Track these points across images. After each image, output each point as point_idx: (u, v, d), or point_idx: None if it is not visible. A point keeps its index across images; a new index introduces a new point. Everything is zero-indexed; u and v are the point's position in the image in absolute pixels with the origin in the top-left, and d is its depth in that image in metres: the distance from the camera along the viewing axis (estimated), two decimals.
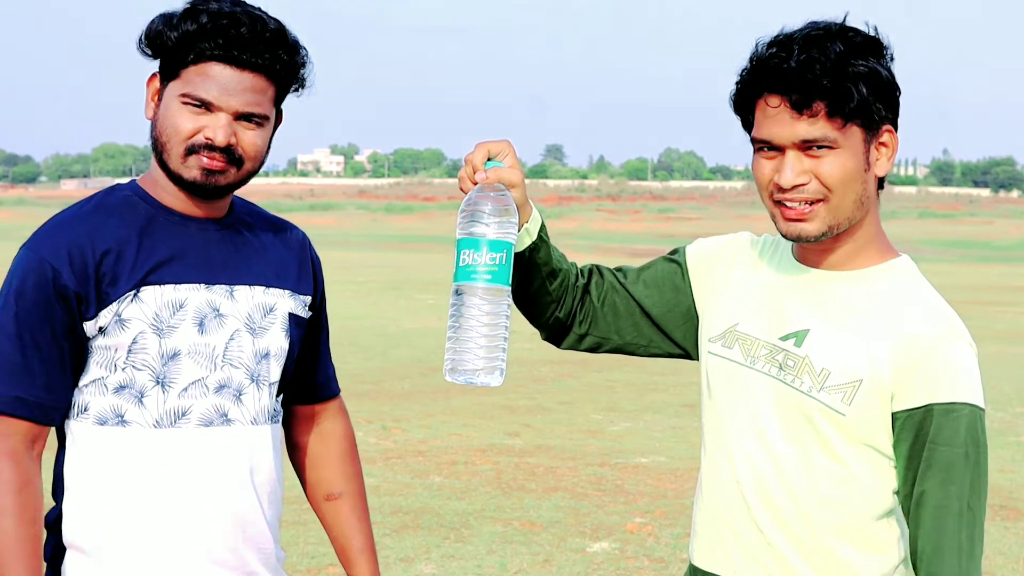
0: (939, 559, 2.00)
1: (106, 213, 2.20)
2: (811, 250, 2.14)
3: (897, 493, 2.08)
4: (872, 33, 2.06)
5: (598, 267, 2.35)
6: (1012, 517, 7.46)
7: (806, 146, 2.02)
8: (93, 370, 2.16)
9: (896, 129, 2.09)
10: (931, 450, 2.00)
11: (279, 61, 2.18)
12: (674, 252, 2.34)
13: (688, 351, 2.31)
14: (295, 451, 2.49)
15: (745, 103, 2.09)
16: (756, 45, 2.06)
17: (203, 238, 2.23)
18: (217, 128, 2.14)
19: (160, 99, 2.19)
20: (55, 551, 2.20)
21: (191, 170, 2.17)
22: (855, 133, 2.02)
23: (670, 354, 2.33)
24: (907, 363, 2.01)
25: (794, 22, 2.09)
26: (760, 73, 2.04)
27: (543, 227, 2.21)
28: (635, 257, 44.46)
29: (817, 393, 2.05)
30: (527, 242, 2.18)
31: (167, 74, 2.18)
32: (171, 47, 2.15)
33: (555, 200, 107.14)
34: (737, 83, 2.09)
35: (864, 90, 2.00)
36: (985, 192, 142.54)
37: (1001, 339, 18.07)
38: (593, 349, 2.34)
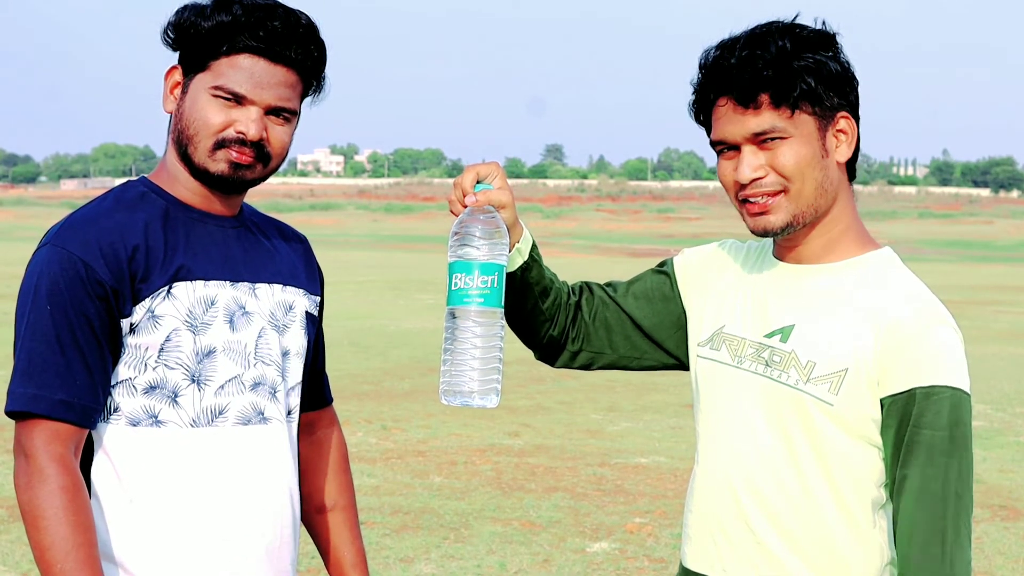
0: (922, 545, 1.99)
1: (128, 208, 2.14)
2: (789, 246, 2.16)
3: (886, 484, 2.09)
4: (820, 27, 2.09)
5: (588, 284, 2.36)
6: (1012, 517, 7.46)
7: (759, 140, 2.05)
8: (121, 370, 2.10)
9: (856, 117, 2.11)
10: (914, 434, 2.00)
11: (310, 57, 2.15)
12: (662, 264, 2.37)
13: (681, 360, 2.32)
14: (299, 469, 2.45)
15: (702, 111, 2.13)
16: (704, 52, 2.11)
17: (222, 235, 2.20)
18: (249, 122, 2.11)
19: (184, 92, 2.15)
20: None
21: (218, 164, 2.13)
22: (806, 121, 2.05)
23: (664, 365, 2.35)
24: (890, 348, 2.02)
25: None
26: (708, 77, 2.09)
27: (534, 246, 2.22)
28: (635, 257, 44.48)
29: (804, 385, 2.06)
30: (519, 262, 2.19)
31: (193, 66, 2.14)
32: (203, 37, 2.11)
33: (555, 200, 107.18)
34: (692, 92, 2.14)
35: (809, 79, 2.03)
36: (985, 192, 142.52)
37: (1001, 339, 18.06)
38: (587, 366, 2.35)
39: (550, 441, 9.58)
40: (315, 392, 2.43)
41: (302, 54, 2.14)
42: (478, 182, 2.13)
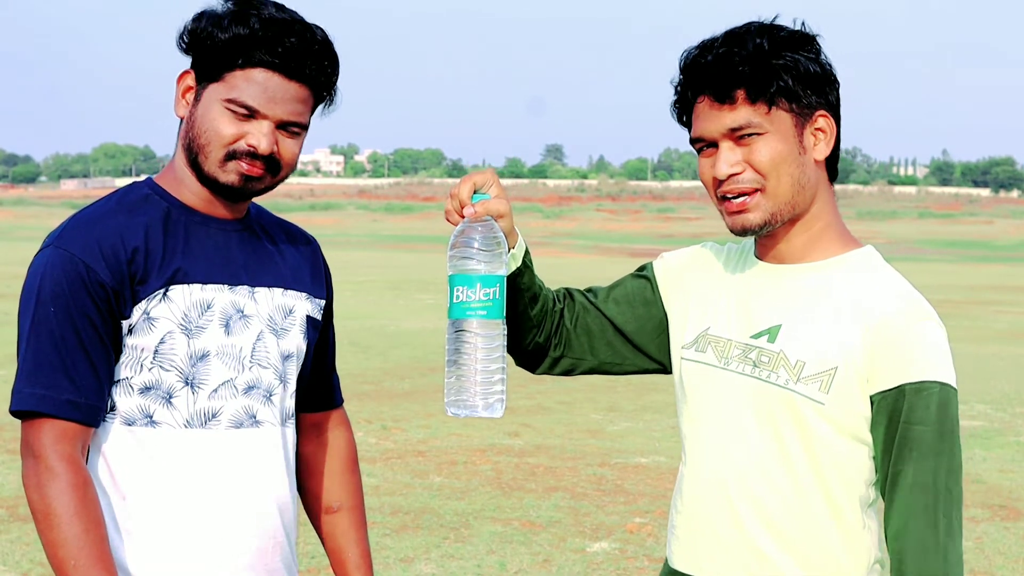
0: (917, 538, 2.01)
1: (130, 211, 2.16)
2: (770, 245, 2.17)
3: (875, 482, 2.10)
4: (799, 28, 2.11)
5: (568, 290, 2.36)
6: (1012, 517, 7.46)
7: (735, 135, 2.07)
8: (119, 370, 2.13)
9: (835, 116, 2.12)
10: (904, 430, 2.02)
11: (324, 73, 2.16)
12: (641, 269, 2.37)
13: (663, 364, 2.32)
14: (297, 459, 2.44)
15: (684, 111, 2.15)
16: (684, 52, 2.13)
17: (224, 239, 2.21)
18: (261, 136, 2.12)
19: (197, 99, 2.15)
20: None
21: (229, 175, 2.14)
22: (783, 118, 2.07)
23: (646, 369, 2.35)
24: (879, 345, 2.03)
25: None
26: (687, 76, 2.11)
27: (527, 252, 2.23)
28: (635, 257, 44.46)
29: (794, 385, 2.07)
30: (512, 267, 2.20)
31: (207, 75, 2.13)
32: (219, 49, 2.11)
33: (555, 200, 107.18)
34: (674, 93, 2.16)
35: (786, 76, 2.05)
36: (985, 192, 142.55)
37: (1001, 339, 18.05)
38: (567, 372, 2.35)
39: (550, 441, 9.59)
40: (323, 393, 2.43)
41: (316, 70, 2.14)
42: (475, 192, 2.13)
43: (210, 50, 2.12)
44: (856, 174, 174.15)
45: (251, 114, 2.12)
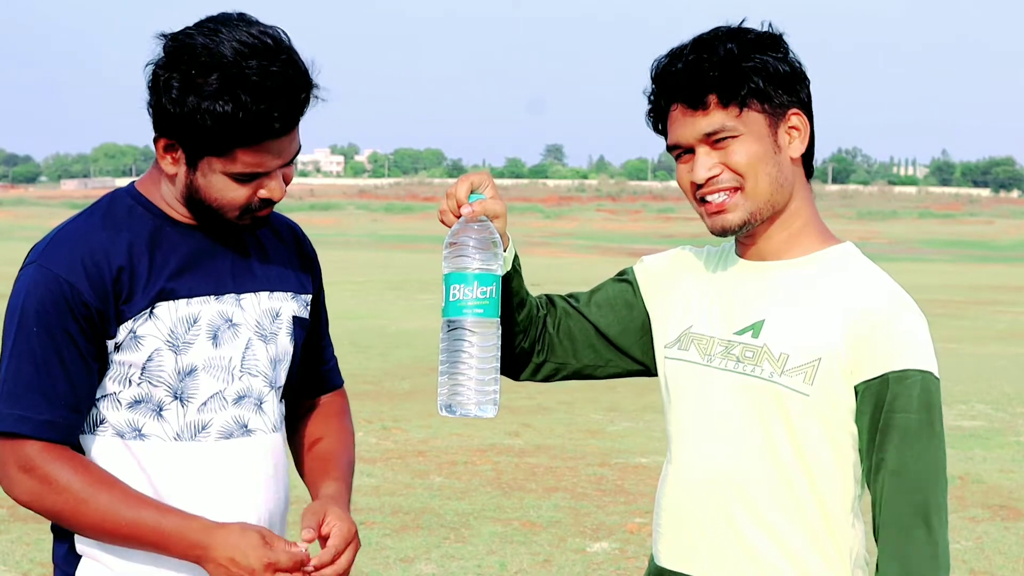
0: (903, 523, 2.03)
1: (115, 226, 2.14)
2: (751, 244, 2.19)
3: (862, 474, 2.11)
4: (766, 29, 2.14)
5: (549, 296, 2.38)
6: (1012, 517, 7.46)
7: (711, 140, 2.10)
8: (107, 384, 2.14)
9: (808, 113, 2.15)
10: (888, 418, 2.04)
11: (307, 104, 2.10)
12: (622, 273, 2.39)
13: (647, 365, 2.34)
14: (295, 438, 2.45)
15: (659, 120, 2.18)
16: (655, 61, 2.15)
17: (210, 247, 2.20)
18: (275, 189, 2.13)
19: (192, 165, 2.09)
20: (68, 557, 2.18)
21: (244, 221, 2.16)
22: (756, 119, 2.10)
23: (629, 372, 2.37)
24: (862, 336, 2.06)
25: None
26: (659, 86, 2.14)
27: (516, 257, 2.23)
28: (635, 257, 44.35)
29: (779, 377, 2.09)
30: (503, 270, 2.19)
31: (200, 151, 2.07)
32: (211, 133, 2.03)
33: (555, 200, 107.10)
34: (647, 102, 2.18)
35: (756, 78, 2.08)
36: (985, 192, 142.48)
37: (1001, 339, 18.06)
38: (549, 377, 2.36)
39: (550, 441, 9.59)
40: (321, 377, 2.44)
41: (303, 108, 2.10)
42: (471, 192, 2.13)
43: (200, 134, 2.05)
44: (856, 174, 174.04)
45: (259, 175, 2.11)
